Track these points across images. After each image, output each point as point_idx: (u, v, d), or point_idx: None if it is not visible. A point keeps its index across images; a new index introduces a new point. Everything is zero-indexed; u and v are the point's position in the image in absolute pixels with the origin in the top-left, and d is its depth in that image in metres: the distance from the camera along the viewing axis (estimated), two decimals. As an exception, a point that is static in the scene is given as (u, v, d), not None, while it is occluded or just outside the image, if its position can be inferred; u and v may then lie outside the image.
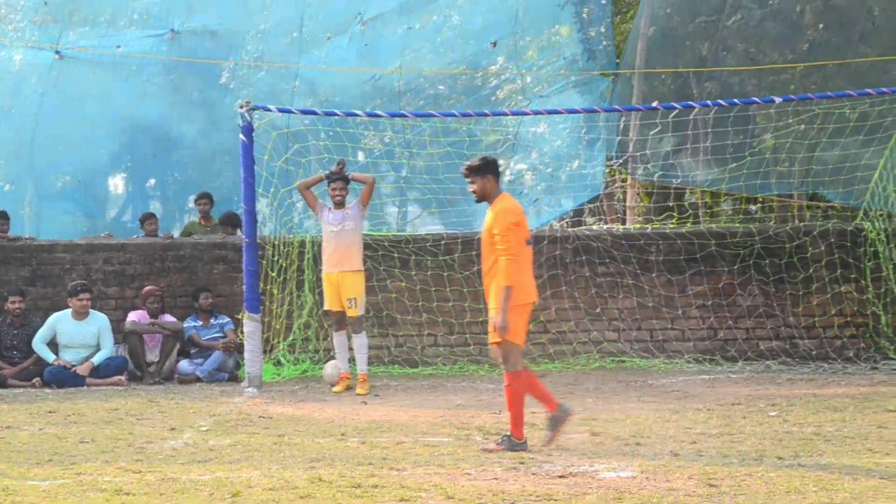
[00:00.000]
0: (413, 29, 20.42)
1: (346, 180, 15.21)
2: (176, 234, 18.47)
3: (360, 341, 14.92)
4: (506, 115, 18.95)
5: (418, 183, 19.47)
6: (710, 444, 10.04)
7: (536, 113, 18.21)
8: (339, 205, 15.10)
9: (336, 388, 14.72)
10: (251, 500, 7.89)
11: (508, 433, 10.01)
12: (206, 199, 18.27)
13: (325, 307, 15.23)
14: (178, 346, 16.24)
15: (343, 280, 14.86)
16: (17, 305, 16.02)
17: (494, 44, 20.11)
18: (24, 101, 19.90)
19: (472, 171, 10.34)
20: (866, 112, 17.33)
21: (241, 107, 15.27)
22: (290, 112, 16.93)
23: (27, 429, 11.46)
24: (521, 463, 9.23)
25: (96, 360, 15.64)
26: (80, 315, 15.87)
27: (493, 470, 8.94)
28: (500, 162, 20.15)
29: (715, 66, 19.75)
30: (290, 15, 20.55)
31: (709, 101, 17.32)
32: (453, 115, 17.91)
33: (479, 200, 10.54)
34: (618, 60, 20.59)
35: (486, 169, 10.34)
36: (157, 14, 20.50)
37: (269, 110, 16.04)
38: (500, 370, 16.32)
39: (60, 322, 15.87)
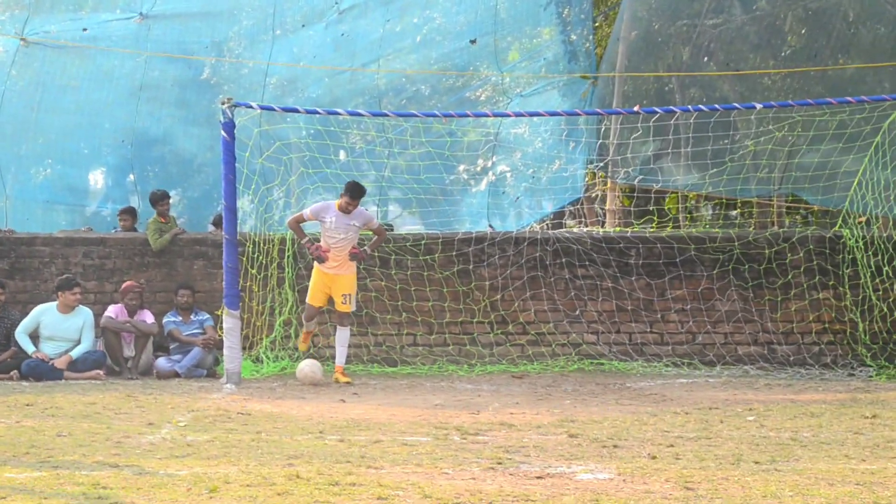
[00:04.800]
0: (392, 24, 20.36)
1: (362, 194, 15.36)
2: (141, 230, 18.11)
3: (345, 334, 15.19)
4: (487, 116, 18.95)
5: (399, 182, 19.45)
6: (688, 448, 10.07)
7: (518, 115, 18.23)
8: (347, 212, 15.16)
9: (303, 346, 15.75)
10: (229, 495, 7.88)
11: None
12: (166, 198, 17.78)
13: (309, 301, 15.26)
14: (151, 340, 16.21)
15: (338, 280, 14.98)
16: (-4, 297, 15.97)
17: (474, 41, 20.10)
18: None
19: None
20: (845, 120, 17.39)
21: (223, 103, 15.24)
22: (272, 109, 16.87)
23: (4, 421, 11.41)
24: (499, 463, 9.23)
25: (75, 353, 15.60)
26: (67, 308, 15.82)
27: (471, 470, 8.94)
28: (480, 162, 20.48)
29: (696, 71, 19.80)
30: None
31: (690, 106, 17.38)
32: (435, 116, 17.90)
33: None
34: (599, 63, 20.60)
35: None
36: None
37: (250, 107, 16.00)
38: (479, 369, 16.43)
39: (45, 314, 15.82)
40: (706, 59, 19.75)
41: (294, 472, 8.64)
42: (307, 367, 15.09)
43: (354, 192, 15.18)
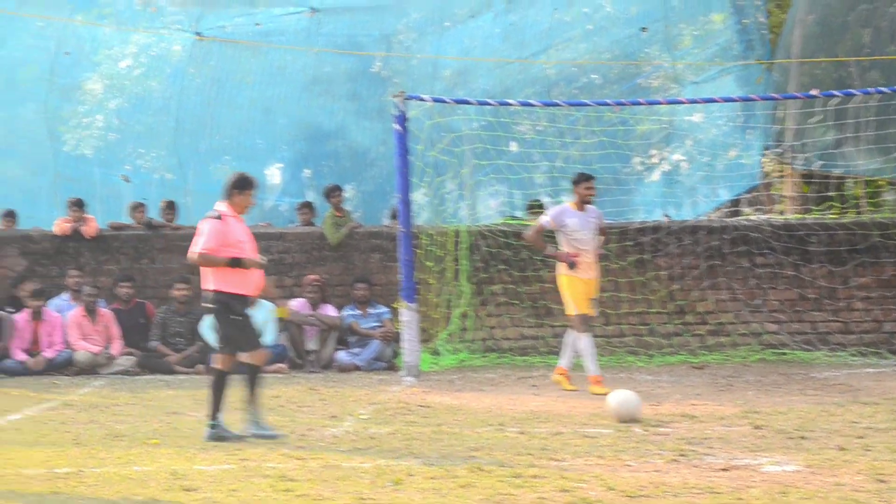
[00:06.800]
0: (561, 13, 20.26)
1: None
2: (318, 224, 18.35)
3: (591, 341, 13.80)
4: (660, 103, 18.75)
5: (572, 173, 19.35)
6: (879, 439, 9.81)
7: (692, 101, 18.01)
8: (586, 203, 13.78)
9: (599, 390, 13.30)
10: (412, 487, 7.94)
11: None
12: (338, 190, 17.97)
13: (579, 311, 13.61)
14: (335, 335, 16.41)
15: (592, 285, 13.79)
16: (182, 293, 16.34)
17: (645, 29, 19.91)
18: (166, 86, 20.13)
19: None
20: None
21: (395, 97, 15.34)
22: (444, 101, 16.86)
23: (192, 415, 11.68)
24: (682, 455, 9.13)
25: (258, 347, 15.87)
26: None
27: (654, 461, 8.86)
28: (653, 151, 20.25)
29: (876, 55, 19.26)
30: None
31: (870, 89, 16.93)
32: (606, 104, 17.73)
33: None
34: (773, 48, 20.23)
35: None
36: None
37: (422, 100, 16.06)
38: (657, 360, 16.26)
39: (229, 309, 16.12)
40: (888, 42, 19.19)
41: (476, 464, 8.66)
42: (625, 398, 11.43)
43: (588, 176, 13.94)
